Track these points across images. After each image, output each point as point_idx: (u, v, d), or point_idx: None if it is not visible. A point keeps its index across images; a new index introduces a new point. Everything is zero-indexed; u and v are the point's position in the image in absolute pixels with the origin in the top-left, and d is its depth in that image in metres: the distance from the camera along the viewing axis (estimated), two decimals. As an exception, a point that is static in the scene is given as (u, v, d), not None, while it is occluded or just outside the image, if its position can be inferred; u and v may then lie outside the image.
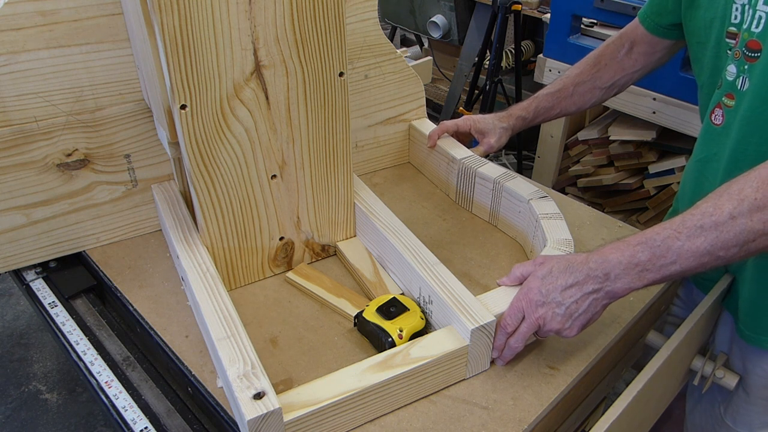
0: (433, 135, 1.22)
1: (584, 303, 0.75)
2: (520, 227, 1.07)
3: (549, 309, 0.76)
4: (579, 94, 1.15)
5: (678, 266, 0.71)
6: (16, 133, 0.93)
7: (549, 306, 0.76)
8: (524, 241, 1.07)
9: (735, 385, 0.98)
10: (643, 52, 1.10)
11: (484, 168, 1.12)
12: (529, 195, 1.04)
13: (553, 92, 1.17)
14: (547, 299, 0.76)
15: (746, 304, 0.94)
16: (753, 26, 0.80)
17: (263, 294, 0.99)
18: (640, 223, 2.01)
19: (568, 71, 1.17)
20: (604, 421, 0.73)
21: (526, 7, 2.32)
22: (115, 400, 0.85)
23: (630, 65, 1.11)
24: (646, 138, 1.91)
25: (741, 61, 0.82)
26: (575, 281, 0.75)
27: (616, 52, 1.12)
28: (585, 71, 1.14)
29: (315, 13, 0.84)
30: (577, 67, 1.16)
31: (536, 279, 0.78)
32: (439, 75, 3.03)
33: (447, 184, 1.21)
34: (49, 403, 1.89)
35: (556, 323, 0.76)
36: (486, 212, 1.14)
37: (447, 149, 1.19)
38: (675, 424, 1.25)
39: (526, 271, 0.82)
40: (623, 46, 1.11)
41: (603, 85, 1.14)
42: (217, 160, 0.87)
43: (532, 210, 1.01)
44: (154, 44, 0.79)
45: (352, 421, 0.76)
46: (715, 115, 0.90)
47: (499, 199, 1.09)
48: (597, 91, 1.15)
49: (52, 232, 1.02)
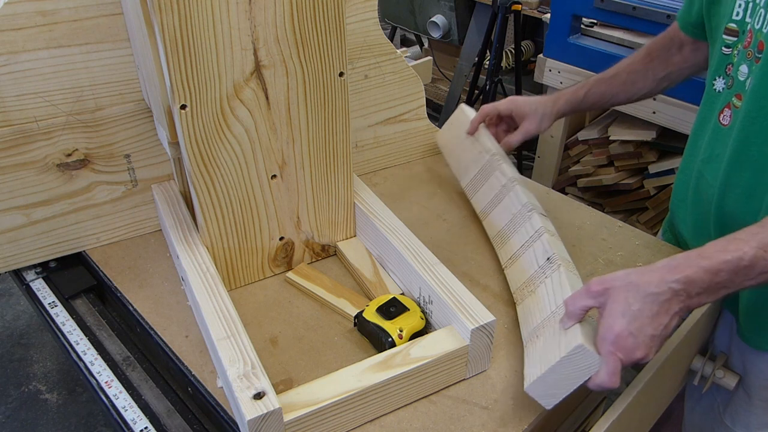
0: (475, 121, 1.17)
1: (673, 324, 0.70)
2: (508, 231, 1.05)
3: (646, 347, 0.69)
4: (632, 81, 1.11)
5: (754, 281, 0.69)
6: (16, 133, 0.93)
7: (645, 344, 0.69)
8: (503, 244, 1.04)
9: (735, 386, 0.98)
10: (690, 50, 1.07)
11: (507, 166, 1.09)
12: (533, 205, 1.01)
13: (606, 78, 1.12)
14: (641, 339, 0.68)
15: (746, 305, 0.94)
16: (764, 27, 0.80)
17: (263, 294, 0.99)
18: (640, 222, 2.01)
19: (621, 61, 1.13)
20: (604, 421, 0.73)
21: (526, 7, 2.32)
22: (115, 400, 0.85)
23: (681, 60, 1.08)
24: (646, 138, 1.91)
25: (752, 62, 0.83)
26: (660, 306, 0.68)
27: (668, 48, 1.09)
28: (638, 61, 1.11)
29: (315, 13, 0.84)
30: (631, 57, 1.12)
31: (617, 319, 0.69)
32: (439, 75, 3.03)
33: (466, 172, 1.18)
34: (49, 403, 1.89)
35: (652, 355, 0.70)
36: (480, 205, 1.13)
37: (485, 140, 1.15)
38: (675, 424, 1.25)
39: (584, 305, 0.73)
40: (674, 44, 1.08)
41: (657, 76, 1.10)
42: (217, 160, 0.87)
43: (533, 220, 0.98)
44: (154, 44, 0.79)
45: (352, 421, 0.76)
46: (724, 115, 0.89)
47: (502, 197, 1.08)
48: (650, 81, 1.11)
49: (52, 232, 1.02)
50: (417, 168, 1.32)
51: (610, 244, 1.08)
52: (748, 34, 0.83)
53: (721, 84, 0.91)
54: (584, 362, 0.71)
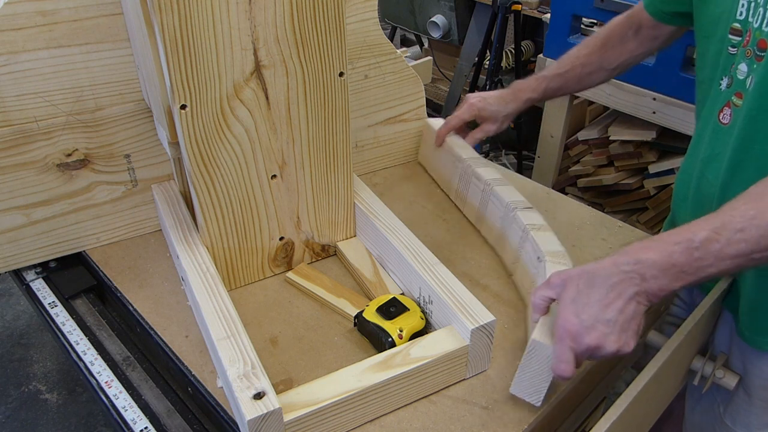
0: (441, 133, 1.22)
1: (630, 309, 0.68)
2: (503, 234, 1.05)
3: (597, 333, 0.68)
4: (587, 74, 1.16)
5: (715, 269, 0.68)
6: (16, 133, 0.93)
7: (595, 329, 0.68)
8: (503, 248, 1.05)
9: (735, 386, 0.98)
10: (648, 36, 1.10)
11: (481, 170, 1.11)
12: (515, 204, 1.02)
13: (561, 73, 1.17)
14: (587, 323, 0.68)
15: (746, 305, 0.94)
16: (764, 25, 0.80)
17: (263, 294, 0.99)
18: (640, 222, 2.01)
19: (576, 50, 1.17)
20: (604, 421, 0.73)
21: (526, 7, 2.32)
22: (115, 400, 0.85)
23: (636, 47, 1.12)
24: (646, 138, 1.91)
25: (752, 60, 0.82)
26: (611, 289, 0.68)
27: (624, 33, 1.12)
28: (593, 52, 1.15)
29: (315, 13, 0.84)
30: (585, 47, 1.16)
31: (566, 306, 0.70)
32: (439, 75, 3.03)
33: (449, 184, 1.21)
34: (49, 403, 1.89)
35: (612, 344, 0.68)
36: (473, 214, 1.14)
37: (456, 149, 1.18)
38: (675, 424, 1.25)
39: (545, 297, 0.75)
40: (631, 28, 1.11)
41: (609, 66, 1.14)
42: (217, 160, 0.87)
43: (518, 220, 0.99)
44: (154, 44, 0.79)
45: (352, 421, 0.76)
46: (724, 114, 0.89)
47: (487, 203, 1.09)
48: (603, 72, 1.15)
49: (52, 232, 1.02)
50: (417, 168, 1.32)
51: (610, 244, 1.08)
52: (748, 33, 0.83)
53: (725, 84, 0.91)
54: (544, 354, 0.73)
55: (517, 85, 1.21)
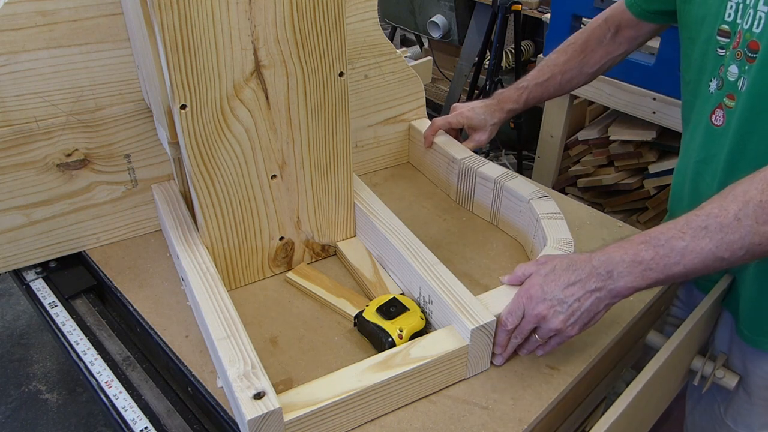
0: (428, 135, 1.23)
1: (586, 301, 0.74)
2: (520, 227, 1.07)
3: (550, 306, 0.75)
4: (566, 81, 1.18)
5: (682, 267, 0.70)
6: (16, 133, 0.93)
7: (550, 303, 0.75)
8: (525, 240, 1.07)
9: (735, 386, 0.98)
10: (628, 36, 1.11)
11: (485, 168, 1.12)
12: (530, 195, 1.04)
13: (541, 82, 1.18)
14: (548, 296, 0.76)
15: (746, 305, 0.94)
16: (754, 27, 0.80)
17: (263, 294, 0.99)
18: (640, 222, 2.01)
19: (554, 56, 1.18)
20: (604, 421, 0.73)
21: (526, 7, 2.32)
22: (115, 400, 0.85)
23: (615, 49, 1.13)
24: (646, 138, 1.91)
25: (742, 62, 0.82)
26: (577, 279, 0.74)
27: (603, 36, 1.13)
28: (572, 58, 1.16)
29: (315, 13, 0.84)
30: (563, 53, 1.17)
31: (538, 276, 0.78)
32: (439, 75, 3.03)
33: (447, 184, 1.22)
34: (49, 403, 1.89)
35: (557, 321, 0.75)
36: (487, 212, 1.14)
37: (446, 149, 1.19)
38: (675, 424, 1.25)
39: (528, 270, 0.82)
40: (609, 30, 1.12)
41: (589, 70, 1.16)
42: (217, 160, 0.87)
43: (533, 209, 1.01)
44: (154, 44, 0.79)
45: (352, 421, 0.76)
46: (716, 116, 0.89)
47: (500, 198, 1.09)
48: (583, 76, 1.17)
49: (52, 232, 1.02)
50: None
51: (610, 243, 1.08)
52: (737, 34, 0.83)
53: (714, 85, 0.91)
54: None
55: (499, 95, 1.23)
